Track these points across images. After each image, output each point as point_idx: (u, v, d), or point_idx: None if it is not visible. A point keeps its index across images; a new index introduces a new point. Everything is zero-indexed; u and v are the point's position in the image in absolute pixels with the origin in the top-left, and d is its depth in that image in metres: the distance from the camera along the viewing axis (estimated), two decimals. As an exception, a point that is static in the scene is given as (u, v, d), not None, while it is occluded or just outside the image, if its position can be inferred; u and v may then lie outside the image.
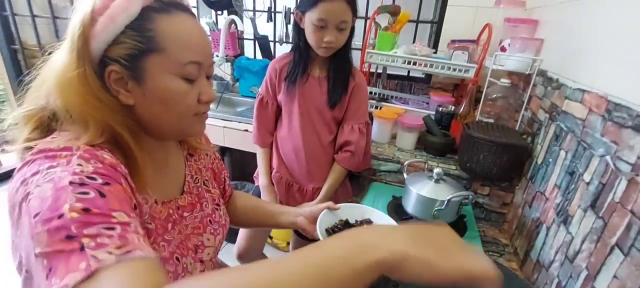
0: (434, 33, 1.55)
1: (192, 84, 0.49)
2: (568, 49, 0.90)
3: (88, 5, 0.43)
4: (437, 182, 0.91)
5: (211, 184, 0.69)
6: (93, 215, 0.35)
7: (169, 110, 0.49)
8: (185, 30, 0.47)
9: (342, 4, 0.89)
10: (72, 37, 0.43)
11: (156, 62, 0.46)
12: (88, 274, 0.31)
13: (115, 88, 0.46)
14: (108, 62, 0.44)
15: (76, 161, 0.38)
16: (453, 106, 1.31)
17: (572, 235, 0.70)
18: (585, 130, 0.72)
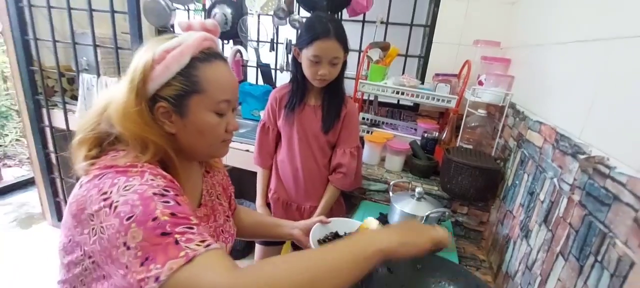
0: (421, 66, 1.71)
1: (222, 117, 0.61)
2: (531, 86, 1.04)
3: (149, 55, 0.55)
4: (419, 200, 1.02)
5: (222, 198, 0.79)
6: (178, 218, 0.46)
7: (204, 138, 0.60)
8: (221, 75, 0.60)
9: (335, 43, 1.02)
10: (133, 79, 0.54)
11: (198, 101, 0.57)
12: (188, 260, 0.43)
13: (162, 120, 0.57)
14: (158, 99, 0.56)
15: (149, 176, 0.50)
16: (437, 133, 1.44)
17: (531, 247, 0.80)
18: (541, 156, 0.84)
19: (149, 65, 0.55)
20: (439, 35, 1.58)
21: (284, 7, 1.75)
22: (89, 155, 0.55)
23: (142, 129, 0.54)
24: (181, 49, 0.56)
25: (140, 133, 0.54)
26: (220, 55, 0.61)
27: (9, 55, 1.87)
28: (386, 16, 1.69)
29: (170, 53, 0.55)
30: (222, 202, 0.78)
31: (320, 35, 1.01)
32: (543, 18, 1.05)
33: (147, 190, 0.47)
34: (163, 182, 0.51)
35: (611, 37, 0.63)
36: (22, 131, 3.71)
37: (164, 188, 0.49)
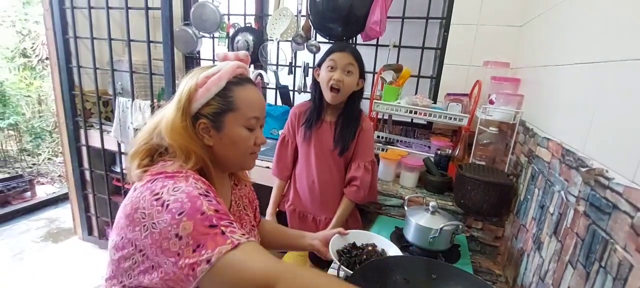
0: (433, 86, 1.77)
1: (251, 132, 0.71)
2: (539, 104, 1.08)
3: (193, 81, 0.66)
4: (433, 214, 1.06)
5: (248, 210, 0.87)
6: (221, 214, 0.56)
7: (236, 149, 0.71)
8: (252, 96, 0.70)
9: (350, 56, 1.16)
10: (180, 100, 0.66)
11: (231, 117, 0.68)
12: (234, 246, 0.53)
13: (202, 134, 0.68)
14: (199, 116, 0.67)
15: (193, 180, 0.60)
16: (450, 150, 1.48)
17: (543, 258, 0.83)
18: (550, 171, 0.88)
19: (193, 88, 0.66)
20: (450, 57, 1.65)
21: (301, 33, 1.88)
22: (142, 164, 0.65)
23: (186, 141, 0.65)
24: (219, 75, 0.67)
25: (185, 144, 0.64)
26: (250, 80, 0.73)
27: (53, 81, 2.06)
28: (399, 40, 1.79)
29: (211, 78, 0.66)
30: (248, 213, 0.86)
31: (337, 49, 1.17)
32: (548, 40, 1.11)
33: (193, 191, 0.57)
34: (204, 185, 0.60)
35: (606, 60, 0.69)
36: (54, 150, 3.97)
37: (206, 190, 0.59)
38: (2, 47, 3.82)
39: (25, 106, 3.85)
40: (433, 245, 1.01)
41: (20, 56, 3.95)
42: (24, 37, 3.96)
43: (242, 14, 2.10)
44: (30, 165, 3.73)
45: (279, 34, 1.86)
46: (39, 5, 3.41)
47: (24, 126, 3.77)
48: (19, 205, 2.81)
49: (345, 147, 1.22)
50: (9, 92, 3.63)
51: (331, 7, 1.64)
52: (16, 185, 2.92)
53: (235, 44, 2.05)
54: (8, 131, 3.63)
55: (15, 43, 3.90)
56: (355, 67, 1.16)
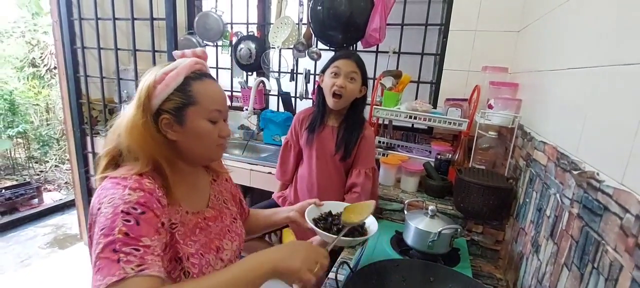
0: (433, 92, 1.79)
1: (215, 125, 0.72)
2: (536, 109, 1.10)
3: (152, 77, 0.67)
4: (432, 218, 1.07)
5: (230, 203, 0.89)
6: (130, 239, 0.55)
7: (201, 142, 0.72)
8: (212, 90, 0.72)
9: (353, 62, 1.20)
10: (140, 97, 0.66)
11: (193, 111, 0.69)
12: (119, 279, 0.52)
13: (165, 129, 0.68)
14: (161, 112, 0.67)
15: (128, 191, 0.60)
16: (450, 154, 1.49)
17: (541, 261, 0.84)
18: (546, 174, 0.89)
19: (151, 85, 0.67)
20: (449, 63, 1.67)
21: (303, 41, 1.91)
22: (103, 168, 0.68)
23: (145, 139, 0.65)
24: (177, 71, 0.68)
25: (143, 143, 0.65)
26: (209, 75, 0.74)
27: (61, 90, 2.11)
28: (398, 46, 1.81)
29: (169, 74, 0.68)
30: (229, 206, 0.88)
31: (341, 56, 1.22)
32: (544, 45, 1.12)
33: (120, 205, 0.57)
34: (137, 197, 0.60)
35: (597, 65, 0.70)
36: (61, 158, 4.03)
37: (133, 205, 0.58)
38: (12, 57, 3.91)
39: (33, 114, 3.93)
40: (432, 248, 1.02)
41: (29, 66, 4.04)
42: (33, 47, 4.05)
43: (244, 23, 2.15)
44: (37, 173, 3.79)
45: (281, 41, 1.89)
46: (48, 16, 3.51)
47: (32, 134, 3.84)
48: (26, 212, 2.86)
49: (347, 152, 1.24)
50: (18, 100, 3.71)
51: (332, 15, 1.67)
52: (24, 192, 2.97)
53: (238, 52, 2.08)
54: (17, 139, 3.70)
55: (24, 53, 3.99)
56: (358, 75, 1.20)
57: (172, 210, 0.69)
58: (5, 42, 3.85)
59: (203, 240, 0.74)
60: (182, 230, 0.70)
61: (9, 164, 3.64)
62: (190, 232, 0.72)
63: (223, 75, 2.32)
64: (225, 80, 2.32)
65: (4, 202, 2.76)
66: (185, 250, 0.69)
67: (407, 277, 0.84)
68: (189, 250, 0.69)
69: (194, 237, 0.72)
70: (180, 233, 0.69)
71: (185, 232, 0.71)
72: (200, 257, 0.71)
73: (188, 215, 0.74)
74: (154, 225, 0.60)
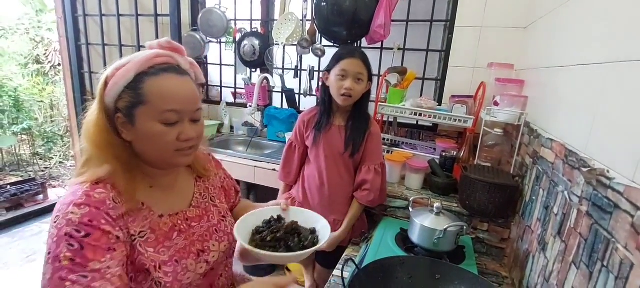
0: (438, 89, 1.78)
1: (171, 127, 0.64)
2: (543, 106, 1.09)
3: (105, 75, 0.63)
4: (438, 215, 1.07)
5: (219, 199, 0.85)
6: (75, 265, 0.54)
7: (152, 145, 0.65)
8: (167, 87, 0.63)
9: (359, 62, 1.17)
10: (97, 94, 0.63)
11: (142, 111, 0.62)
12: None
13: (121, 128, 0.63)
14: (116, 110, 0.63)
15: (71, 209, 0.57)
16: (455, 151, 1.49)
17: (548, 259, 0.83)
18: (554, 171, 0.88)
19: (103, 82, 0.62)
20: (454, 60, 1.66)
21: (307, 37, 1.90)
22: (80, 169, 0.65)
23: (100, 138, 0.62)
24: (127, 67, 0.62)
25: (99, 142, 0.62)
26: (173, 69, 0.65)
27: (66, 86, 2.12)
28: (403, 43, 1.80)
29: (120, 70, 0.62)
30: (217, 203, 0.84)
31: (347, 55, 1.17)
32: (551, 42, 1.11)
33: (62, 228, 0.55)
34: (80, 216, 0.56)
35: (606, 61, 0.69)
36: (65, 154, 4.05)
37: (76, 227, 0.55)
38: (17, 54, 3.92)
39: (38, 111, 3.95)
40: (438, 246, 1.02)
41: (33, 62, 4.06)
42: (37, 44, 4.07)
43: (248, 19, 2.14)
44: (42, 169, 3.81)
45: (285, 38, 1.89)
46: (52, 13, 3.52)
47: (37, 131, 3.86)
48: (31, 208, 2.88)
49: (356, 149, 1.23)
50: (22, 97, 3.73)
51: (336, 12, 1.66)
52: (29, 188, 2.99)
53: (242, 49, 2.08)
54: (21, 136, 3.72)
55: (28, 50, 4.01)
56: (365, 74, 1.18)
57: (138, 217, 0.65)
58: (10, 38, 3.87)
59: (181, 244, 0.70)
60: (153, 237, 0.66)
61: (14, 160, 3.67)
62: (164, 237, 0.68)
63: (227, 72, 2.32)
64: (229, 77, 2.32)
65: (9, 198, 2.78)
66: (156, 258, 0.65)
67: (413, 274, 0.84)
68: (160, 258, 0.65)
69: (168, 242, 0.68)
70: (150, 240, 0.66)
71: (156, 238, 0.67)
72: (175, 263, 0.67)
73: (162, 218, 0.69)
74: (103, 244, 0.57)
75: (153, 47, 0.67)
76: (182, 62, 0.69)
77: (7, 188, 2.89)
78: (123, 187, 0.63)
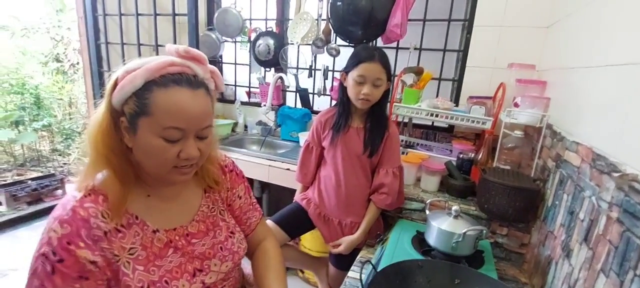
0: (454, 89, 1.75)
1: (172, 144, 0.60)
2: (567, 108, 1.05)
3: (115, 76, 0.60)
4: (456, 218, 1.05)
5: (226, 214, 0.79)
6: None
7: (150, 159, 0.62)
8: (174, 102, 0.58)
9: (378, 65, 1.13)
10: (106, 93, 0.60)
11: (145, 122, 0.58)
12: None
13: (123, 132, 0.60)
14: (122, 113, 0.59)
15: (55, 225, 0.56)
16: (473, 153, 1.46)
17: (573, 267, 0.81)
18: (579, 176, 0.85)
19: (113, 83, 0.59)
20: (473, 60, 1.63)
21: (322, 37, 1.90)
22: None
23: (102, 137, 0.59)
24: (136, 73, 0.57)
25: (100, 141, 0.59)
26: (186, 81, 0.60)
27: (86, 85, 2.17)
28: (420, 43, 1.78)
29: (128, 75, 0.58)
30: (225, 217, 0.78)
31: (366, 58, 1.13)
32: (578, 42, 1.08)
33: (43, 246, 0.56)
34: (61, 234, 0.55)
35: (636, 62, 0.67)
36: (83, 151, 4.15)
37: (53, 249, 0.55)
38: (38, 53, 4.04)
39: (57, 108, 4.06)
40: (456, 250, 1.00)
41: (53, 61, 4.18)
42: (57, 42, 4.18)
43: (263, 19, 2.15)
44: (61, 165, 3.92)
45: (300, 37, 1.89)
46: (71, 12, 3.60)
47: (56, 127, 3.97)
48: (51, 203, 2.95)
49: (375, 150, 1.22)
50: (42, 95, 3.84)
51: (352, 11, 1.65)
52: (49, 183, 3.07)
53: (257, 48, 2.09)
54: (41, 132, 3.83)
55: (49, 49, 4.13)
56: (384, 76, 1.15)
57: (128, 232, 0.62)
58: (32, 37, 3.99)
59: (176, 262, 0.66)
60: (143, 254, 0.63)
61: (34, 156, 3.78)
62: (155, 255, 0.64)
63: (241, 71, 2.33)
64: (243, 76, 2.34)
65: (30, 193, 2.86)
66: (144, 278, 0.62)
67: (432, 278, 0.82)
68: (149, 278, 0.62)
69: (159, 260, 0.64)
70: (140, 258, 0.62)
71: (147, 256, 0.63)
72: (165, 284, 0.63)
73: (156, 234, 0.65)
74: (74, 272, 0.56)
75: (171, 52, 0.62)
76: (200, 71, 0.63)
77: (28, 183, 2.98)
78: (114, 199, 0.60)
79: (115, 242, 0.60)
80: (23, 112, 3.58)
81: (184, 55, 0.62)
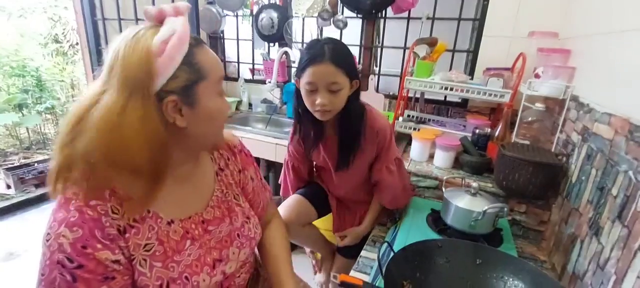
0: (469, 61, 1.66)
1: (223, 98, 0.60)
2: (596, 77, 0.98)
3: (142, 50, 0.49)
4: (474, 196, 1.00)
5: (242, 198, 0.74)
6: None
7: (214, 124, 0.60)
8: (213, 56, 0.58)
9: (330, 66, 0.88)
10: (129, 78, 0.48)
11: (204, 87, 0.55)
12: None
13: (172, 115, 0.53)
14: (164, 95, 0.51)
15: (63, 230, 0.48)
16: (489, 129, 1.39)
17: (603, 245, 0.76)
18: (612, 149, 0.79)
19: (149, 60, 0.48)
20: (490, 29, 1.53)
21: (328, 8, 1.80)
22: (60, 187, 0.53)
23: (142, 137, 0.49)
24: (179, 37, 0.51)
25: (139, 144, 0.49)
26: (201, 40, 0.59)
27: (85, 63, 2.11)
28: (433, 12, 1.67)
29: (169, 43, 0.50)
30: (240, 202, 0.73)
31: (313, 59, 0.89)
32: (608, 5, 0.99)
33: (55, 253, 0.48)
34: (73, 240, 0.48)
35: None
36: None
37: (68, 255, 0.48)
38: (36, 34, 3.96)
39: (59, 91, 4.02)
40: (474, 228, 0.96)
41: (52, 42, 4.10)
42: (55, 23, 4.08)
43: (266, -9, 2.04)
44: (67, 147, 3.91)
45: (305, 9, 1.79)
46: (68, -9, 3.49)
47: (60, 110, 3.94)
48: (58, 185, 2.97)
49: (347, 162, 1.07)
50: (44, 77, 3.79)
51: (360, -21, 1.55)
52: (55, 165, 3.08)
53: (260, 22, 2.00)
54: (45, 115, 3.80)
55: (47, 29, 4.04)
56: (341, 77, 0.90)
57: (142, 227, 0.55)
58: (29, 18, 3.89)
59: (195, 255, 0.61)
60: (160, 249, 0.57)
61: (39, 139, 3.77)
62: (172, 250, 0.58)
63: (244, 47, 2.25)
64: (246, 52, 2.25)
65: (37, 176, 2.87)
66: (163, 275, 0.56)
67: (451, 258, 0.78)
68: (169, 275, 0.57)
69: (178, 256, 0.58)
70: (157, 254, 0.56)
71: (164, 251, 0.57)
72: (185, 281, 0.58)
73: (172, 225, 0.60)
74: (98, 275, 0.50)
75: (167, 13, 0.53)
76: None
77: (35, 166, 2.98)
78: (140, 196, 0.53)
79: (130, 239, 0.54)
80: (26, 95, 3.54)
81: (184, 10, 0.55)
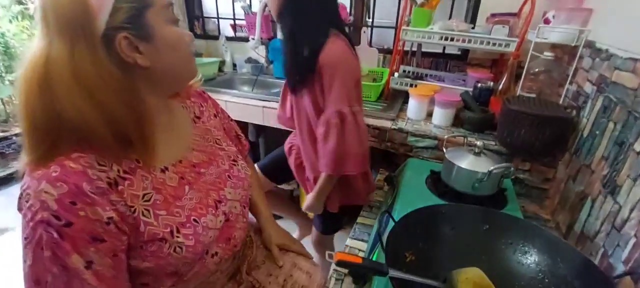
0: (471, 8, 1.52)
1: (177, 25, 0.53)
2: (619, 19, 0.87)
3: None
4: (477, 155, 0.92)
5: (225, 142, 0.72)
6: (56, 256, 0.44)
7: (178, 54, 0.53)
8: None
9: None
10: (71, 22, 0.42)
11: (154, 14, 0.48)
12: None
13: (130, 54, 0.47)
14: (111, 34, 0.45)
15: (44, 186, 0.42)
16: (492, 82, 1.29)
17: (620, 205, 0.70)
18: (636, 99, 0.71)
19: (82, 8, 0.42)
20: (495, -31, 1.38)
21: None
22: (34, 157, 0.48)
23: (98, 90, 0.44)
24: None
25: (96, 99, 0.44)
26: None
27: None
28: (431, -48, 1.49)
29: None
30: (223, 146, 0.71)
31: None
32: None
33: (38, 212, 0.42)
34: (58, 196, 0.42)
35: None
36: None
37: (54, 213, 0.42)
38: (-5, -6, 3.60)
39: (30, 58, 3.74)
40: (478, 190, 0.89)
41: (16, 3, 3.74)
42: (15, -19, 3.70)
43: None
44: (46, 118, 3.73)
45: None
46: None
47: (33, 79, 3.70)
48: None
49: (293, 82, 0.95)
50: (12, 43, 3.49)
51: None
52: (34, 138, 2.93)
53: (239, -29, 1.79)
54: (18, 85, 3.57)
55: (7, -12, 3.67)
56: None
57: (134, 178, 0.50)
58: (-15, -24, 3.51)
59: (196, 198, 0.58)
60: (160, 198, 0.53)
61: (15, 111, 3.57)
62: (173, 196, 0.55)
63: (223, 1, 2.04)
64: (226, 6, 2.05)
65: (18, 149, 2.73)
66: (171, 221, 0.53)
67: (456, 225, 0.72)
68: (177, 220, 0.54)
69: (179, 201, 0.55)
70: (158, 203, 0.52)
71: (165, 199, 0.53)
72: (194, 223, 0.55)
73: (166, 173, 0.56)
74: (86, 235, 0.44)
75: None
76: None
77: (13, 140, 2.84)
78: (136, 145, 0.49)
79: (124, 191, 0.48)
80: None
81: None
